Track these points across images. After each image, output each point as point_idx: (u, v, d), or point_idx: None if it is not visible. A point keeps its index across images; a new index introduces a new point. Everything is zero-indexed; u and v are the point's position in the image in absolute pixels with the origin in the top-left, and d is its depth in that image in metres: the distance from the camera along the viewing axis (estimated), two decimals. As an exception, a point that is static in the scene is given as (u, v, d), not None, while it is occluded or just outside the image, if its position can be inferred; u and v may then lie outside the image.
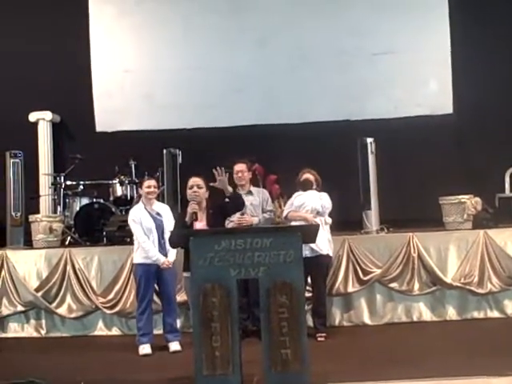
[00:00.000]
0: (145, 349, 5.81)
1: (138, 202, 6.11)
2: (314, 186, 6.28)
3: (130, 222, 5.96)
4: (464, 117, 8.86)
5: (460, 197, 7.04)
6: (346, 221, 7.53)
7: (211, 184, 5.39)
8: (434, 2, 9.01)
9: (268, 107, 9.09)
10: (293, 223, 6.08)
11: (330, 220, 6.21)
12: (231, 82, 9.14)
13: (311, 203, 6.15)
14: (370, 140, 7.33)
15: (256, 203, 6.47)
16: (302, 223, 5.94)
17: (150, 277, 5.84)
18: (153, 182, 6.04)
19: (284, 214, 6.33)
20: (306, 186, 6.26)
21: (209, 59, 9.19)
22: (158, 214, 5.94)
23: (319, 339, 6.01)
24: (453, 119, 8.92)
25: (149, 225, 5.85)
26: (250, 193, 6.49)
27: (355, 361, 5.22)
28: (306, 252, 5.67)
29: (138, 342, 5.85)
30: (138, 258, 5.91)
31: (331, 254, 6.23)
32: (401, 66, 9.00)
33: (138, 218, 5.89)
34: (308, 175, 6.31)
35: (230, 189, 5.39)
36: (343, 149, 7.94)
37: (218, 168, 5.31)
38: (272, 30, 9.09)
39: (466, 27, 8.87)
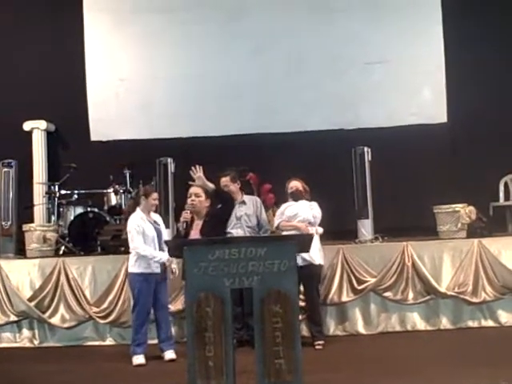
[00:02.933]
0: (139, 359, 5.78)
1: (132, 210, 6.04)
2: (303, 194, 6.29)
3: (131, 230, 5.84)
4: (458, 126, 8.89)
5: (454, 206, 7.05)
6: (340, 230, 7.53)
7: (190, 183, 5.49)
8: (428, 11, 9.04)
9: (263, 116, 9.10)
10: (284, 233, 6.08)
11: (320, 230, 6.21)
12: (226, 91, 9.15)
13: (303, 214, 6.17)
14: (366, 149, 7.35)
15: (250, 212, 6.45)
16: (294, 233, 5.94)
17: (151, 287, 5.81)
18: (157, 195, 6.13)
19: (275, 223, 6.31)
20: (296, 196, 6.27)
21: (204, 68, 9.19)
22: (156, 222, 5.98)
23: (317, 347, 6.02)
24: (447, 128, 8.95)
25: (151, 234, 5.84)
26: (243, 203, 6.47)
27: (349, 370, 5.21)
28: (299, 261, 5.66)
29: (132, 353, 5.82)
30: (136, 267, 5.83)
31: (322, 263, 6.24)
32: (395, 74, 9.03)
33: (141, 227, 5.83)
34: (296, 184, 6.32)
35: (211, 185, 5.45)
36: (337, 158, 7.95)
37: (193, 167, 5.46)
38: (267, 39, 9.11)
39: (460, 36, 8.91)
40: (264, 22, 9.12)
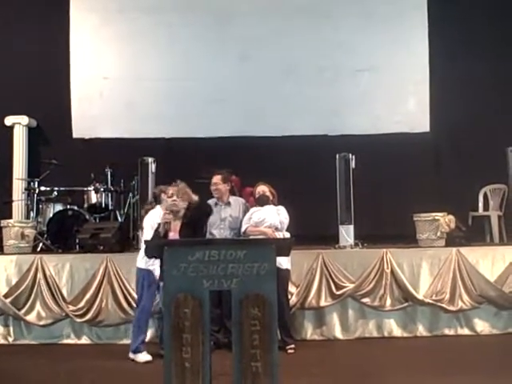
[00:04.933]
0: (146, 356, 5.75)
1: (151, 208, 5.97)
2: (271, 198, 6.31)
3: (146, 225, 5.81)
4: (440, 136, 8.98)
5: (434, 214, 7.09)
6: (322, 235, 7.55)
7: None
8: (414, 23, 9.15)
9: (248, 120, 9.11)
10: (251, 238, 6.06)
11: (288, 235, 6.20)
12: (212, 94, 9.15)
13: (270, 219, 6.18)
14: (351, 155, 7.37)
15: (235, 215, 6.45)
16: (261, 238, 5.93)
17: (153, 284, 5.77)
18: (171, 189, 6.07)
19: (242, 229, 6.28)
20: (263, 201, 6.29)
21: (190, 70, 9.20)
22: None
23: (289, 351, 6.01)
24: (429, 138, 9.03)
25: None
26: (228, 204, 6.49)
27: (326, 375, 5.22)
28: None
29: (134, 351, 5.75)
30: (143, 263, 5.79)
31: (289, 268, 6.23)
32: (381, 83, 9.11)
33: (156, 223, 5.76)
34: (263, 188, 6.33)
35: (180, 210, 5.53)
36: (321, 163, 7.97)
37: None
38: (255, 43, 9.14)
39: (445, 49, 9.00)
40: (252, 28, 9.15)
